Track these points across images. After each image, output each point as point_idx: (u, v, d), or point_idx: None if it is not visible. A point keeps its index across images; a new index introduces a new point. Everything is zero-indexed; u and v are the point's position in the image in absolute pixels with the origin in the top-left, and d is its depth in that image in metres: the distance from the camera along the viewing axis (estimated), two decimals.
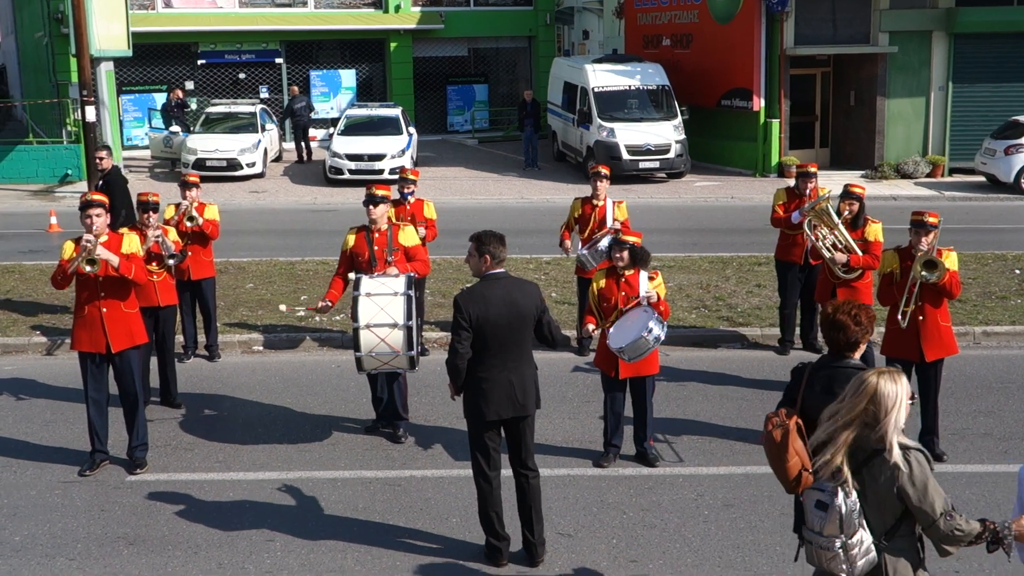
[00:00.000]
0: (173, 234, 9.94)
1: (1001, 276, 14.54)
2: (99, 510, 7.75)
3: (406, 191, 11.46)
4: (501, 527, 6.91)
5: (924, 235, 8.26)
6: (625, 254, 8.33)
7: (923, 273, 8.17)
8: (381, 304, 8.14)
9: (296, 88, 29.99)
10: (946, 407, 9.14)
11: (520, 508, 6.91)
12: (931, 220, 8.28)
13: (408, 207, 11.42)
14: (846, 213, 9.94)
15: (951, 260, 8.34)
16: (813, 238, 9.99)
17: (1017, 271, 14.85)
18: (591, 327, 8.36)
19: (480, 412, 6.72)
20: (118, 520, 7.58)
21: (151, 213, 9.64)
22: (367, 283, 8.31)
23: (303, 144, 27.97)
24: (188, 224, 10.80)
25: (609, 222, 11.10)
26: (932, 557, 6.79)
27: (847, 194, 10.01)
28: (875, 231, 9.94)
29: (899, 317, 8.39)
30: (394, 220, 10.94)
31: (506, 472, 6.96)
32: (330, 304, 9.03)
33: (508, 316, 6.60)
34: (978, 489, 8.00)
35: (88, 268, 7.95)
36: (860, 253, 9.78)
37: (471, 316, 6.57)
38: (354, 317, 8.18)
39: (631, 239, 8.45)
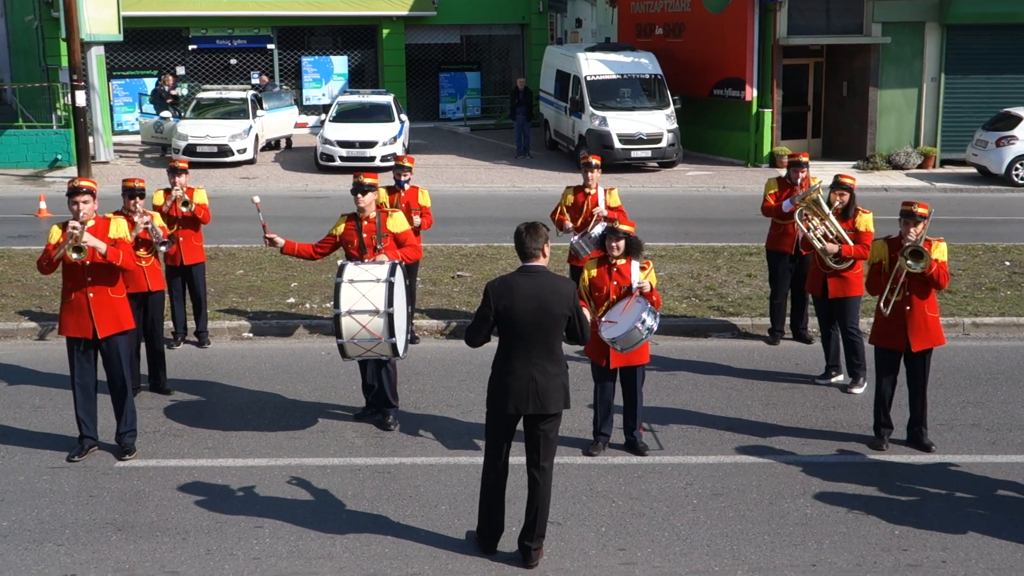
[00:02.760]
0: (159, 219, 9.90)
1: (991, 267, 14.58)
2: (88, 496, 7.73)
3: (402, 178, 11.42)
4: (499, 518, 6.86)
5: (913, 225, 8.27)
6: (621, 243, 8.29)
7: (908, 262, 8.17)
8: (363, 291, 8.13)
9: (266, 77, 29.95)
10: (935, 398, 9.17)
11: (527, 508, 6.77)
12: (920, 211, 8.29)
13: (403, 194, 11.39)
14: (836, 204, 9.93)
15: (940, 251, 8.35)
16: (804, 228, 10.00)
17: (1007, 263, 14.89)
18: (585, 311, 8.29)
19: (499, 404, 6.61)
20: (106, 506, 7.57)
21: (137, 199, 9.58)
22: (350, 270, 8.29)
23: None
24: (183, 209, 10.77)
25: (600, 207, 11.09)
26: (919, 544, 6.83)
27: (837, 184, 10.01)
28: (866, 221, 9.95)
29: (881, 305, 8.40)
30: (388, 207, 10.93)
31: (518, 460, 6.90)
32: (281, 242, 8.95)
33: (534, 311, 6.48)
34: (966, 480, 8.03)
35: (75, 256, 7.87)
36: (851, 243, 9.79)
37: (494, 306, 6.51)
38: (336, 304, 8.16)
39: (625, 228, 8.41)
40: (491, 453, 6.79)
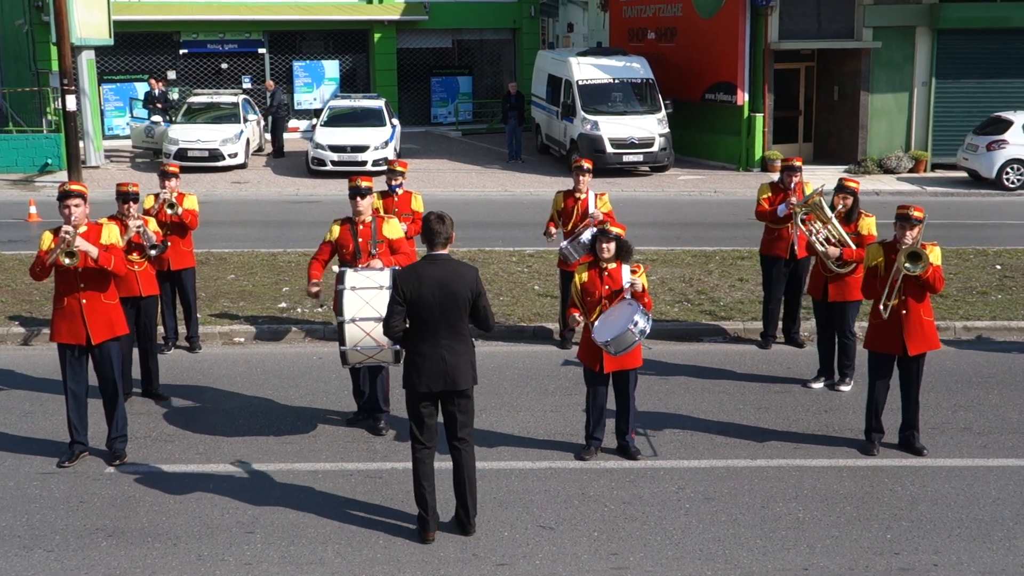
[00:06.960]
0: (153, 224, 9.88)
1: (982, 271, 14.62)
2: (78, 501, 7.69)
3: (394, 183, 11.39)
4: (432, 500, 7.11)
5: (909, 229, 8.28)
6: (612, 245, 8.27)
7: (907, 265, 8.17)
8: (366, 298, 8.11)
9: (272, 83, 29.81)
10: (926, 401, 9.17)
11: (455, 480, 7.17)
12: (916, 214, 8.30)
13: (396, 199, 11.36)
14: (840, 207, 9.94)
15: (935, 255, 8.35)
16: (806, 232, 9.96)
17: (998, 266, 14.93)
18: (577, 315, 8.31)
19: (412, 384, 7.04)
20: (97, 512, 7.53)
21: (131, 203, 9.57)
22: (352, 277, 8.27)
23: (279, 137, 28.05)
24: (168, 212, 10.74)
25: (591, 212, 11.08)
26: (911, 547, 6.82)
27: (841, 188, 9.99)
28: (868, 225, 9.94)
29: (881, 308, 8.40)
30: (381, 212, 10.90)
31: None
32: (318, 283, 9.13)
33: (440, 296, 6.88)
34: (958, 483, 8.04)
35: (67, 261, 7.84)
36: (853, 247, 9.78)
37: (404, 292, 6.89)
38: (339, 311, 8.15)
39: (616, 230, 8.40)
40: (413, 433, 7.16)
